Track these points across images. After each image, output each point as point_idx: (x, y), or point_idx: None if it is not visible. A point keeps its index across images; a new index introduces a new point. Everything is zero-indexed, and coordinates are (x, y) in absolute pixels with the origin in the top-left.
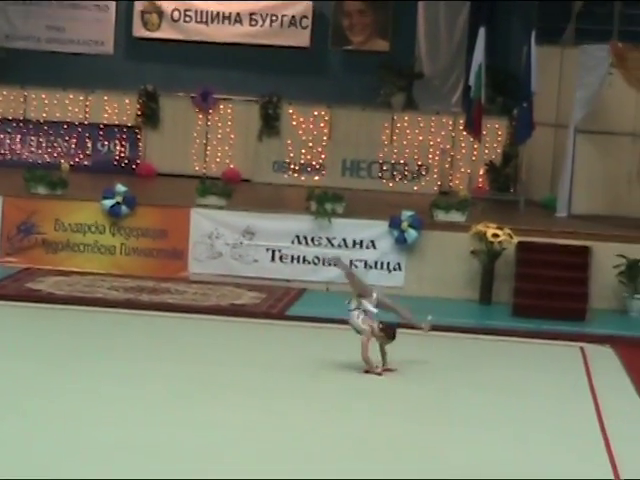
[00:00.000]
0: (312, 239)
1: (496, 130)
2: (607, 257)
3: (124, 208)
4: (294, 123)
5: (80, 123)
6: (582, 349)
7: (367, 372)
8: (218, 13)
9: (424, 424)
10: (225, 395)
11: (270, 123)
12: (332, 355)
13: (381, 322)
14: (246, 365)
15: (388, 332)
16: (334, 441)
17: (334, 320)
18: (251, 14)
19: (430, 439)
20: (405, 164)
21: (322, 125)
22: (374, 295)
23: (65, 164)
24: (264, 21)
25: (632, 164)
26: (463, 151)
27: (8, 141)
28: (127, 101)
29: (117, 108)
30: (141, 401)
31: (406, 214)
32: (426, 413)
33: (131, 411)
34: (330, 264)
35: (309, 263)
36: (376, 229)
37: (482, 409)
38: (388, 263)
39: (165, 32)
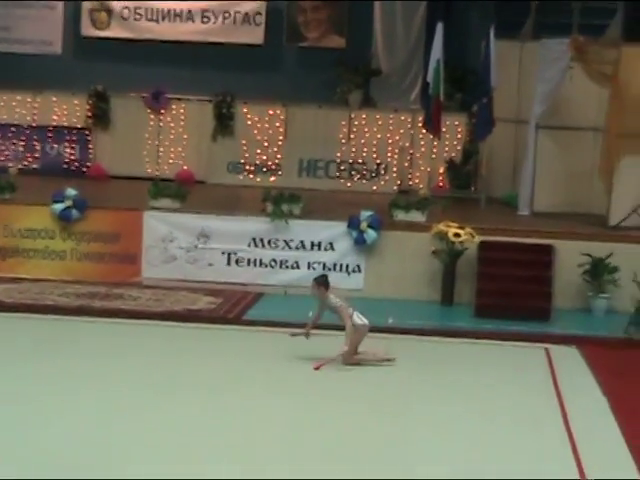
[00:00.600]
0: (269, 241)
1: (456, 127)
2: (571, 255)
3: (75, 212)
4: (249, 122)
5: (28, 125)
6: (547, 350)
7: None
8: (169, 10)
9: (384, 424)
10: (180, 396)
11: (224, 123)
12: (289, 359)
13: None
14: (201, 370)
15: None
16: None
17: (292, 324)
18: (203, 11)
19: (388, 439)
20: (363, 163)
21: (277, 124)
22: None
23: (13, 167)
24: (216, 18)
25: (594, 159)
26: (422, 149)
27: None
28: (76, 102)
29: (66, 109)
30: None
31: (365, 214)
32: (386, 413)
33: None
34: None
35: (266, 266)
36: (334, 230)
37: (444, 410)
38: (347, 265)
39: (115, 31)
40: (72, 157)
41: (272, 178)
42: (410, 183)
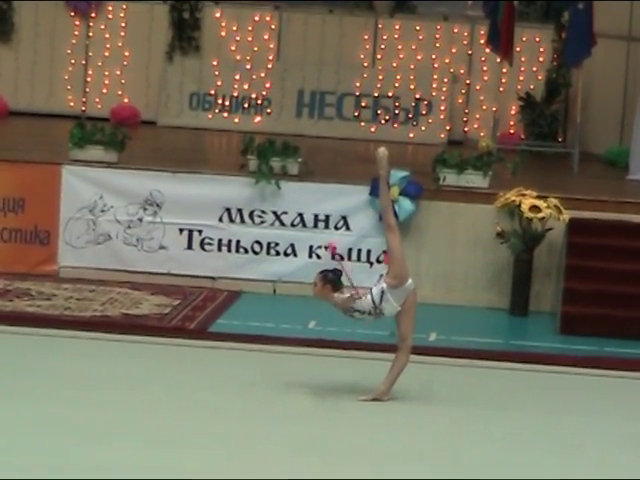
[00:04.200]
0: (251, 214)
1: (536, 45)
2: None
3: None
4: (223, 33)
5: None
6: None
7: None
8: None
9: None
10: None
11: (185, 33)
12: (278, 392)
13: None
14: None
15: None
16: None
17: (285, 340)
18: None
19: None
20: (396, 98)
21: (266, 37)
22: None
23: None
24: None
25: None
26: (485, 78)
27: None
28: None
29: None
30: None
31: (397, 175)
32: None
33: None
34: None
35: (246, 251)
36: (350, 198)
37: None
38: (368, 251)
39: None
40: None
41: (257, 119)
42: (465, 129)
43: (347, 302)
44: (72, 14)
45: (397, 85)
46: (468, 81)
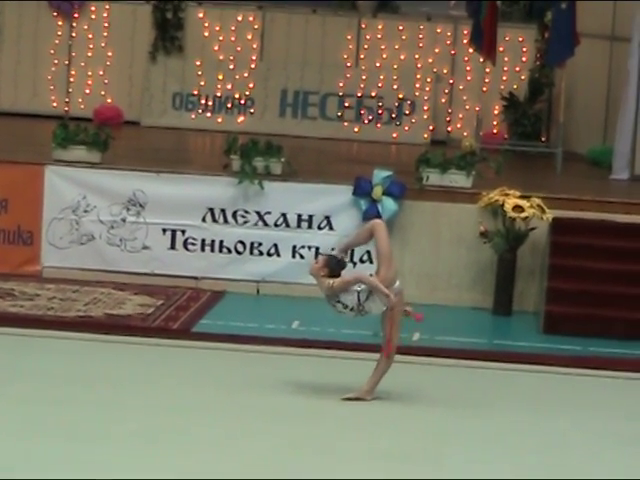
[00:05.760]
0: (234, 214)
1: (519, 45)
2: None
3: None
4: (206, 34)
5: None
6: None
7: None
8: None
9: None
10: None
11: (169, 33)
12: (262, 392)
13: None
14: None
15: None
16: None
17: (268, 340)
18: None
19: None
20: (379, 98)
21: (249, 37)
22: None
23: None
24: None
25: None
26: (468, 78)
27: None
28: None
29: None
30: None
31: (380, 175)
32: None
33: None
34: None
35: (229, 251)
36: (333, 198)
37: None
38: (352, 251)
39: None
40: None
41: (240, 119)
42: (449, 129)
43: (334, 290)
44: (55, 14)
45: (380, 85)
46: (451, 81)
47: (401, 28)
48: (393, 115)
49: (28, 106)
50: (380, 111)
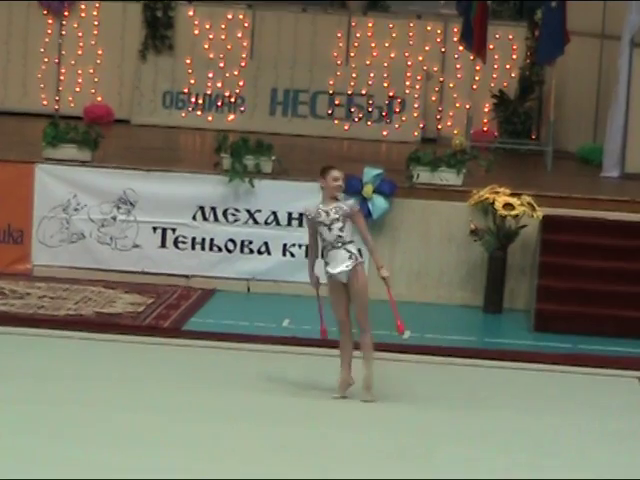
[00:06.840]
0: (225, 212)
1: (509, 43)
2: None
3: None
4: (196, 32)
5: None
6: None
7: None
8: None
9: None
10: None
11: (159, 32)
12: (252, 390)
13: None
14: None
15: None
16: None
17: (259, 338)
18: None
19: None
20: (369, 96)
21: (239, 35)
22: None
23: None
24: None
25: None
26: (458, 75)
27: None
28: None
29: None
30: None
31: (370, 173)
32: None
33: None
34: None
35: (220, 250)
36: None
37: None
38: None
39: None
40: None
41: (231, 117)
42: (439, 127)
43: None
44: (45, 13)
45: (370, 83)
46: (441, 79)
47: (391, 26)
48: (383, 113)
49: (18, 105)
50: (370, 109)
